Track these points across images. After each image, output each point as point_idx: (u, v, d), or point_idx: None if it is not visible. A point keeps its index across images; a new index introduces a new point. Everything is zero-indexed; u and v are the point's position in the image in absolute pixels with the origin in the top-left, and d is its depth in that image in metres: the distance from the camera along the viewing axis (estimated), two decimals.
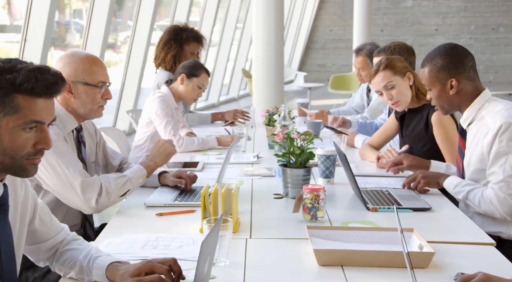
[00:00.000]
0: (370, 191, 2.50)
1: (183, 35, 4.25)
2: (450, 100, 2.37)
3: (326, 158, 2.66)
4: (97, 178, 2.27)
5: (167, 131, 3.39)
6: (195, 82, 3.56)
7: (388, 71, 2.90)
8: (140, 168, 2.43)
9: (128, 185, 2.33)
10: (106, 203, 2.26)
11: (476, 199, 2.27)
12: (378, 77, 2.92)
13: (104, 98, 2.37)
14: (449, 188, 2.40)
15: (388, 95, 2.91)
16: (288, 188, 2.44)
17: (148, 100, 3.50)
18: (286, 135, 2.45)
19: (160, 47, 4.31)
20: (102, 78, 2.33)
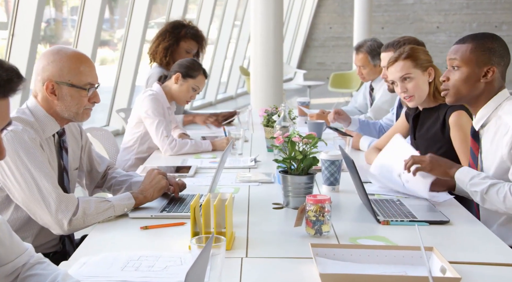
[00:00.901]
0: (380, 201, 2.25)
1: (182, 31, 3.99)
2: (473, 88, 2.14)
3: (330, 163, 2.41)
4: (73, 197, 2.02)
5: (159, 132, 3.14)
6: (191, 84, 3.32)
7: (409, 62, 2.65)
8: (129, 196, 2.13)
9: (110, 212, 2.06)
10: (80, 225, 2.00)
11: (501, 194, 2.02)
12: (396, 66, 2.68)
13: (91, 102, 2.12)
14: (463, 179, 2.12)
15: (402, 88, 2.67)
16: (288, 197, 2.20)
17: (139, 98, 3.25)
18: (287, 139, 2.20)
19: (154, 38, 4.06)
20: (90, 80, 2.08)
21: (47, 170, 1.98)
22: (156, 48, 3.98)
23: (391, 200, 2.26)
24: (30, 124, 2.04)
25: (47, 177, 1.96)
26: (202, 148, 3.19)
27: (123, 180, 2.40)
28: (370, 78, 4.09)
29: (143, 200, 2.17)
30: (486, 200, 2.06)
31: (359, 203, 2.27)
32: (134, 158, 3.23)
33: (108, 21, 13.01)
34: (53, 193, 1.95)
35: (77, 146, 2.28)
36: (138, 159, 3.21)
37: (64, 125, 2.17)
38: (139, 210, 2.15)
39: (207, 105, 11.11)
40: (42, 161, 1.98)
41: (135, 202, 2.13)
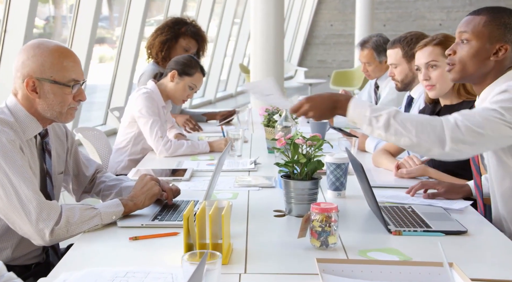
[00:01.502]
0: (390, 208, 2.08)
1: (183, 28, 3.81)
2: (481, 65, 1.93)
3: (336, 166, 2.24)
4: (56, 204, 1.84)
5: (153, 133, 2.96)
6: (187, 82, 3.14)
7: (438, 49, 2.50)
8: (117, 202, 1.95)
9: (96, 220, 1.88)
10: (63, 235, 1.82)
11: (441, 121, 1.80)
12: (425, 51, 2.52)
13: (76, 100, 1.95)
14: (360, 110, 1.81)
15: (425, 75, 2.51)
16: (291, 203, 2.02)
17: (132, 97, 3.07)
18: (289, 141, 2.03)
19: (153, 31, 3.88)
20: (74, 76, 1.91)
21: (27, 175, 1.81)
22: (153, 41, 3.80)
23: (402, 207, 2.08)
24: (9, 125, 1.87)
25: (27, 183, 1.79)
26: (199, 149, 3.02)
27: (113, 184, 2.23)
28: (376, 76, 3.92)
29: (133, 208, 1.99)
30: (392, 125, 1.78)
31: (367, 210, 2.10)
32: (127, 159, 3.06)
33: (108, 19, 12.85)
34: (34, 200, 1.78)
35: (62, 148, 2.11)
36: (131, 161, 3.04)
37: (47, 126, 1.99)
38: (128, 218, 1.97)
39: (207, 104, 10.94)
40: (22, 165, 1.81)
41: (124, 209, 1.95)
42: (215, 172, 2.00)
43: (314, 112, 1.88)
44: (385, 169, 2.65)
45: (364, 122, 1.82)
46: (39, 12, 12.33)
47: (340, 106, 1.85)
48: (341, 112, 1.86)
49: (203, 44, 3.93)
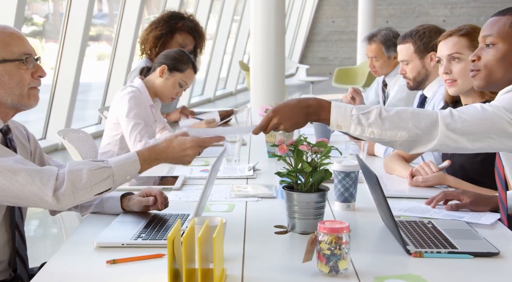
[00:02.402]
0: (407, 223, 1.83)
1: (180, 23, 3.54)
2: (509, 69, 1.74)
3: (345, 175, 1.99)
4: (49, 169, 1.66)
5: (133, 137, 2.70)
6: (177, 78, 2.87)
7: (464, 40, 2.25)
8: (134, 158, 1.72)
9: (108, 183, 1.68)
10: (70, 201, 1.65)
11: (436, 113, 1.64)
12: (448, 41, 2.28)
13: (36, 77, 1.73)
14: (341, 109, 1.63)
15: (447, 68, 2.27)
16: (294, 219, 1.77)
17: (117, 96, 2.81)
18: (292, 147, 1.78)
19: (148, 25, 3.61)
20: (24, 49, 1.71)
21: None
22: (147, 36, 3.54)
23: (421, 223, 1.83)
24: None
25: (9, 160, 1.63)
26: None
27: None
28: (383, 72, 3.66)
29: (153, 163, 1.77)
30: (386, 118, 1.61)
31: (381, 225, 1.85)
32: None
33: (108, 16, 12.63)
34: (22, 171, 1.63)
35: (25, 152, 1.86)
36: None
37: (8, 121, 1.76)
38: (108, 234, 1.72)
39: (206, 102, 10.70)
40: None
41: (139, 169, 1.73)
42: (208, 182, 1.75)
43: (285, 124, 1.68)
44: (398, 176, 2.40)
45: (351, 122, 1.62)
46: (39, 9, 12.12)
47: (314, 111, 1.66)
48: (315, 117, 1.66)
49: (201, 41, 3.66)
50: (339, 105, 1.64)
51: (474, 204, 1.95)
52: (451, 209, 1.95)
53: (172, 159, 1.79)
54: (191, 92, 9.58)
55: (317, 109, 1.65)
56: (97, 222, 1.86)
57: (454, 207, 1.95)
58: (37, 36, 11.29)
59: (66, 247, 1.70)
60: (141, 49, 3.60)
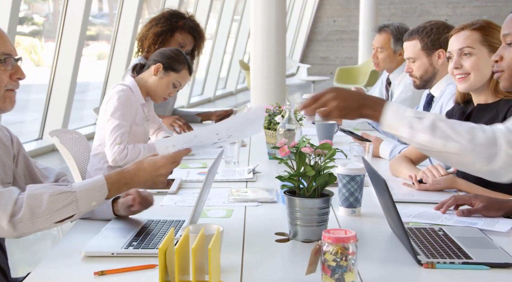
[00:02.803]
0: (416, 230, 1.71)
1: (180, 21, 3.42)
2: None
3: (350, 179, 1.87)
4: (9, 191, 1.52)
5: (112, 137, 2.57)
6: (172, 78, 2.75)
7: (477, 34, 2.13)
8: (100, 182, 1.59)
9: (71, 209, 1.54)
10: (28, 228, 1.51)
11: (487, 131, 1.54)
12: (460, 35, 2.16)
13: (14, 79, 1.62)
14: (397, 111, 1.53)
15: (457, 62, 2.15)
16: (296, 226, 1.66)
17: (107, 95, 2.70)
18: (294, 149, 1.66)
19: (147, 22, 3.48)
20: (4, 49, 1.59)
21: None
22: (147, 32, 3.40)
23: (431, 230, 1.71)
24: None
25: None
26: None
27: None
28: (385, 66, 3.53)
29: (124, 188, 1.63)
30: (439, 127, 1.51)
31: (389, 232, 1.73)
32: (106, 166, 2.68)
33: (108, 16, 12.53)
34: None
35: (7, 155, 1.74)
36: (112, 168, 2.66)
37: None
38: (97, 243, 1.61)
39: (206, 102, 10.58)
40: None
41: (108, 192, 1.60)
42: (204, 186, 1.63)
43: (338, 102, 1.54)
44: (404, 179, 2.29)
45: (403, 124, 1.51)
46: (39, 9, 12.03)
47: (370, 105, 1.55)
48: (370, 112, 1.55)
49: (200, 42, 3.54)
50: (394, 105, 1.55)
51: (486, 208, 1.83)
52: (463, 215, 1.84)
53: (145, 182, 1.65)
54: (190, 92, 9.47)
55: (373, 104, 1.55)
56: (86, 229, 1.75)
57: (465, 213, 1.84)
58: (36, 36, 11.22)
59: (51, 256, 1.59)
60: (138, 46, 3.48)
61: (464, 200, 1.87)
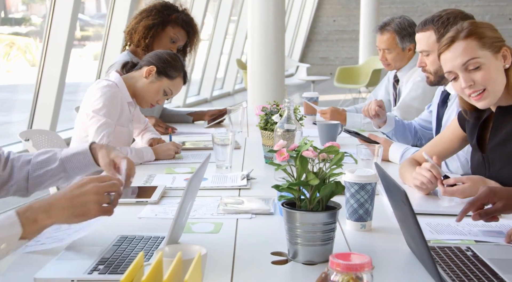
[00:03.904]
0: (440, 249, 1.44)
1: (173, 15, 3.14)
2: None
3: (359, 188, 1.60)
4: None
5: (98, 138, 2.31)
6: (164, 85, 2.48)
7: (472, 41, 1.80)
8: (11, 219, 1.24)
9: None
10: None
11: None
12: (455, 49, 1.82)
13: None
14: None
15: (467, 80, 1.81)
16: (297, 244, 1.38)
17: (89, 91, 2.42)
18: (294, 153, 1.39)
19: (137, 14, 3.20)
20: None
21: None
22: (136, 25, 3.12)
23: (457, 249, 1.44)
24: None
25: None
26: (144, 158, 2.37)
27: (44, 159, 1.67)
28: (397, 66, 3.26)
29: (43, 223, 1.26)
30: None
31: (407, 251, 1.46)
32: None
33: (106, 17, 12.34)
34: None
35: None
36: (91, 173, 2.39)
37: None
38: (52, 267, 1.33)
39: (203, 102, 10.32)
40: None
41: (21, 231, 1.23)
42: (185, 196, 1.35)
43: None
44: (409, 186, 2.01)
45: None
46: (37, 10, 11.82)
47: None
48: None
49: (194, 38, 3.26)
50: None
51: (507, 207, 1.55)
52: (480, 218, 1.56)
53: (69, 209, 1.28)
54: (186, 92, 9.20)
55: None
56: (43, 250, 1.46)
57: (483, 215, 1.56)
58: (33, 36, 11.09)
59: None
60: (126, 40, 3.20)
61: (480, 199, 1.58)
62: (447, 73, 1.85)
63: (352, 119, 3.13)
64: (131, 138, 2.58)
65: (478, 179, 1.79)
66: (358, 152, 2.10)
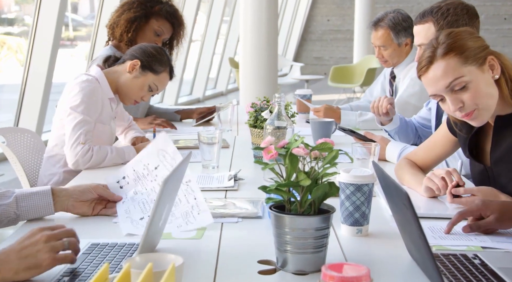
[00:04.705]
0: (444, 257, 1.30)
1: (156, 6, 2.99)
2: None
3: (355, 189, 1.46)
4: None
5: (74, 136, 2.16)
6: (149, 80, 2.33)
7: (453, 59, 1.61)
8: None
9: None
10: None
11: None
12: (435, 70, 1.63)
13: None
14: None
15: (455, 102, 1.63)
16: (286, 252, 1.24)
17: (67, 86, 2.28)
18: (284, 151, 1.25)
19: (118, 7, 3.05)
20: None
21: None
22: (118, 18, 2.97)
23: (463, 257, 1.30)
24: None
25: None
26: (126, 158, 2.20)
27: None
28: (394, 62, 3.13)
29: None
30: None
31: (407, 259, 1.32)
32: (62, 171, 2.26)
33: None
34: None
35: None
36: (68, 173, 2.24)
37: None
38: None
39: (195, 102, 10.16)
40: None
41: None
42: (160, 199, 1.20)
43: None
44: (408, 187, 1.88)
45: None
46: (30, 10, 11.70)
47: None
48: None
49: (180, 30, 3.10)
50: None
51: (500, 220, 1.43)
52: (471, 231, 1.44)
53: (19, 262, 1.15)
54: (178, 91, 9.05)
55: None
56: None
57: (474, 228, 1.43)
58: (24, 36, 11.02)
59: None
60: (108, 34, 3.05)
61: (472, 212, 1.46)
62: (432, 96, 1.69)
63: (347, 118, 3.00)
64: (113, 137, 2.43)
65: (490, 192, 1.64)
66: (354, 150, 1.96)
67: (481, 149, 1.79)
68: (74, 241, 1.21)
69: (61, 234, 1.21)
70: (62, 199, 1.56)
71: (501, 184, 1.70)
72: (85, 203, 1.59)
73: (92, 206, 1.61)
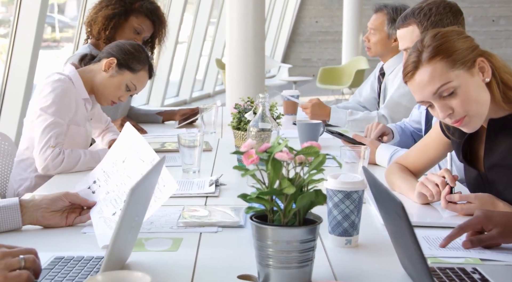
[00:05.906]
0: (441, 271, 1.20)
1: (136, 3, 2.86)
2: None
3: (344, 196, 1.35)
4: None
5: (44, 138, 2.03)
6: (126, 79, 2.20)
7: (440, 63, 1.50)
8: None
9: None
10: None
11: None
12: (421, 76, 1.52)
13: None
14: None
15: (444, 109, 1.53)
16: (268, 267, 1.13)
17: (38, 86, 2.15)
18: (266, 155, 1.14)
19: (96, 3, 2.92)
20: None
21: None
22: (95, 15, 2.84)
23: (461, 271, 1.20)
24: None
25: None
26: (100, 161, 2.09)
27: None
28: (377, 52, 3.02)
29: None
30: None
31: (401, 273, 1.21)
32: (34, 176, 2.13)
33: None
34: None
35: None
36: (40, 178, 2.11)
37: None
38: None
39: (181, 104, 10.03)
40: None
41: None
42: (127, 208, 1.08)
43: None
44: (399, 193, 1.78)
45: None
46: None
47: None
48: None
49: (161, 28, 2.98)
50: None
51: (503, 234, 1.32)
52: (473, 246, 1.32)
53: None
54: (164, 93, 8.91)
55: None
56: None
57: (475, 243, 1.32)
58: None
59: None
60: (87, 32, 2.92)
61: (473, 226, 1.34)
62: (420, 102, 1.58)
63: (336, 115, 2.89)
64: (89, 139, 2.31)
65: (488, 200, 1.53)
66: (342, 154, 1.85)
67: (475, 154, 1.69)
68: (32, 259, 1.09)
69: (19, 252, 1.09)
70: (29, 210, 1.44)
71: (497, 190, 1.60)
72: (56, 213, 1.47)
73: (65, 216, 1.48)
